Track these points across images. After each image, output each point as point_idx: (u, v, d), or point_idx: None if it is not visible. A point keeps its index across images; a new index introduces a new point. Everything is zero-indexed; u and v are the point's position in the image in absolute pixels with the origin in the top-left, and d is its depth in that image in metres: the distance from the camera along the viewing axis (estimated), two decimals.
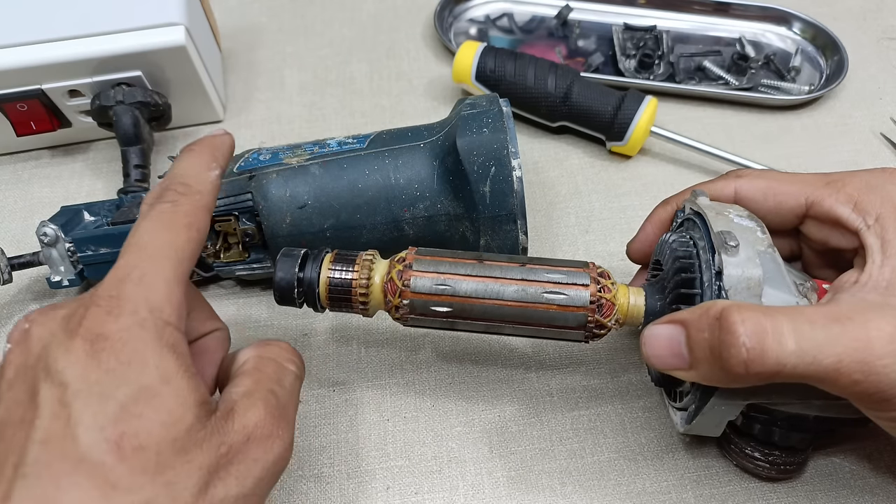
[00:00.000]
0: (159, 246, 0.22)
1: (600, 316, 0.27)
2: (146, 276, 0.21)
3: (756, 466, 0.29)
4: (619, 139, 0.41)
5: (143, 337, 0.20)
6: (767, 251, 0.25)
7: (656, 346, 0.24)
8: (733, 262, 0.24)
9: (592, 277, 0.27)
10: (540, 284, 0.27)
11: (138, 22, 0.39)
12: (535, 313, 0.27)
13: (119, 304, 0.20)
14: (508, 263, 0.27)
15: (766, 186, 0.28)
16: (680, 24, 0.50)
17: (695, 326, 0.23)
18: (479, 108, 0.33)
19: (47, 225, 0.34)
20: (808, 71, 0.48)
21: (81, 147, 0.45)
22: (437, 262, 0.27)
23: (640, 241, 0.31)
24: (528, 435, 0.32)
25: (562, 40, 0.50)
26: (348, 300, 0.28)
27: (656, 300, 0.27)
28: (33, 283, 0.38)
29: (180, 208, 0.23)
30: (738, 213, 0.27)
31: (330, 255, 0.28)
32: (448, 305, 0.27)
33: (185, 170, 0.24)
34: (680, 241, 0.27)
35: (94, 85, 0.39)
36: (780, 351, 0.21)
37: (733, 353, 0.21)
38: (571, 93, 0.42)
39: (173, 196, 0.23)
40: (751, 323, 0.21)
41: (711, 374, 0.23)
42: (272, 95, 0.47)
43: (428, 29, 0.51)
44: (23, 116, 0.40)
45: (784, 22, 0.50)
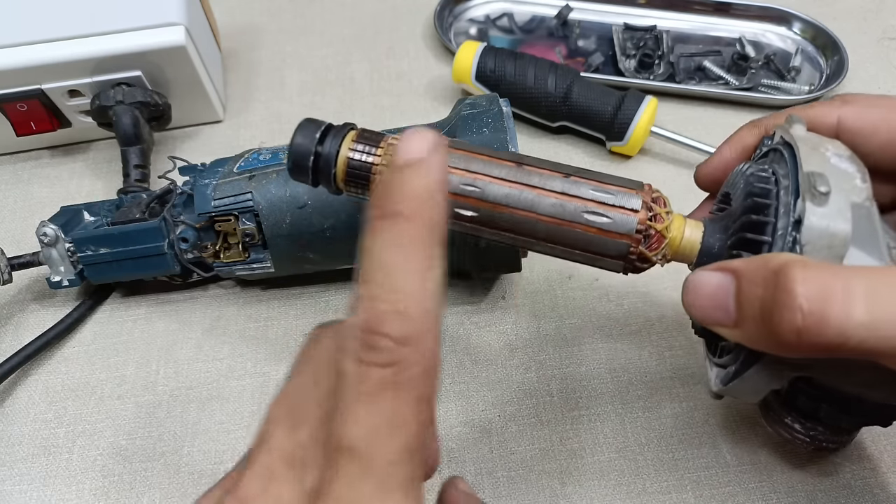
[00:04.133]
0: (391, 461, 0.15)
1: (645, 248, 0.23)
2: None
3: (793, 437, 0.25)
4: (619, 139, 0.41)
5: None
6: (864, 204, 0.21)
7: (700, 295, 0.21)
8: (819, 212, 0.20)
9: (645, 202, 0.23)
10: (582, 202, 0.23)
11: (138, 22, 0.39)
12: (571, 234, 0.23)
13: None
14: (551, 172, 0.24)
15: (878, 118, 0.24)
16: (680, 24, 0.50)
17: (748, 278, 0.19)
18: (479, 108, 0.33)
19: (47, 225, 0.34)
20: (808, 71, 0.48)
21: (81, 147, 0.45)
22: (469, 157, 0.24)
23: (712, 166, 0.27)
24: (528, 435, 0.32)
25: (562, 40, 0.50)
26: (366, 184, 0.24)
27: (716, 239, 0.23)
28: (33, 283, 0.38)
29: (408, 374, 0.15)
30: (838, 153, 0.22)
31: (354, 132, 0.25)
32: (475, 210, 0.24)
33: (397, 283, 0.15)
34: (759, 174, 0.23)
35: (93, 85, 0.39)
36: (847, 321, 0.17)
37: (786, 316, 0.18)
38: (571, 93, 0.41)
39: (390, 351, 0.15)
40: (815, 283, 0.18)
41: (758, 336, 0.19)
42: (272, 95, 0.47)
43: (428, 29, 0.51)
44: (23, 116, 0.40)
45: (784, 22, 0.50)
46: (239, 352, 0.35)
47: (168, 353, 0.35)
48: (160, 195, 0.36)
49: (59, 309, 0.36)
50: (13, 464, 0.32)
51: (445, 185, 0.17)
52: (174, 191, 0.36)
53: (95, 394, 0.34)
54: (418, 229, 0.16)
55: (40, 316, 0.36)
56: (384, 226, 0.16)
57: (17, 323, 0.37)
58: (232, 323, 0.36)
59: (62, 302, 0.37)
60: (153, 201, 0.36)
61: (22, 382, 0.34)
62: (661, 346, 0.34)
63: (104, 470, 0.31)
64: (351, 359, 0.15)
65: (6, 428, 0.33)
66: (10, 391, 0.34)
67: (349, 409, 0.15)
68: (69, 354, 0.35)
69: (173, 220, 0.34)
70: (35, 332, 0.35)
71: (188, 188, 0.35)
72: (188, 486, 0.31)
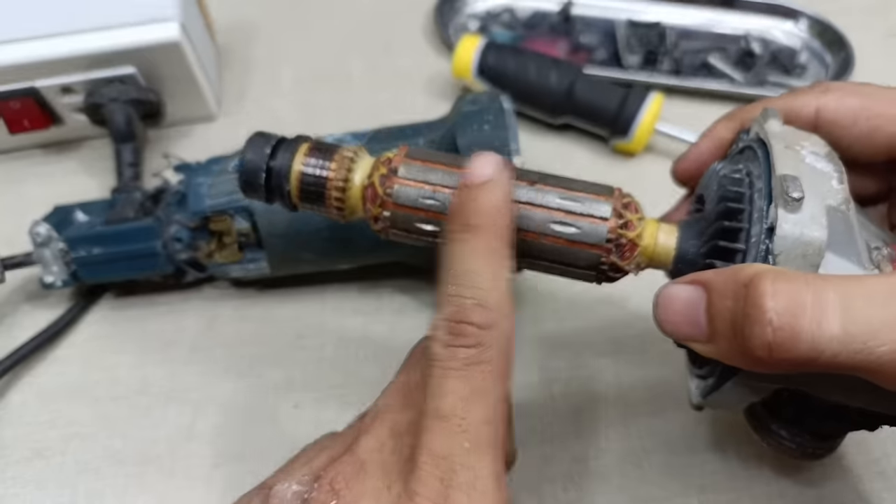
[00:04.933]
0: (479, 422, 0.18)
1: (617, 258, 0.22)
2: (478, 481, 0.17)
3: (780, 445, 0.25)
4: (623, 136, 0.41)
5: None
6: (840, 208, 0.20)
7: (671, 310, 0.20)
8: (792, 219, 0.19)
9: (615, 209, 0.22)
10: (548, 212, 0.22)
11: (132, 17, 0.38)
12: (538, 245, 0.22)
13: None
14: (515, 180, 0.22)
15: (858, 107, 0.23)
16: (685, 20, 0.49)
17: (719, 291, 0.19)
18: (480, 105, 0.32)
19: (40, 224, 0.34)
20: (814, 67, 0.47)
21: (74, 145, 0.44)
22: (428, 168, 0.23)
23: (689, 160, 0.26)
24: (530, 440, 0.31)
25: (564, 36, 0.49)
26: (322, 200, 0.23)
27: (691, 245, 0.22)
28: (26, 284, 0.37)
29: (489, 353, 0.18)
30: (815, 150, 0.21)
31: (307, 144, 0.23)
32: (436, 224, 0.22)
33: (476, 279, 0.19)
34: (732, 176, 0.22)
35: (87, 82, 0.39)
36: (819, 334, 0.17)
37: (756, 331, 0.17)
38: (574, 89, 0.41)
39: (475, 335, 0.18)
40: (784, 296, 0.17)
41: (731, 352, 0.19)
42: (268, 92, 0.47)
43: (427, 24, 0.50)
44: (16, 114, 0.39)
45: (790, 18, 0.49)
46: (234, 353, 0.35)
47: (162, 354, 0.35)
48: (154, 194, 0.36)
49: (52, 310, 0.36)
50: (6, 467, 0.31)
51: (510, 199, 0.21)
52: (168, 189, 0.35)
53: (89, 396, 0.33)
54: (491, 238, 0.20)
55: (33, 317, 0.36)
56: (464, 237, 0.20)
57: (9, 324, 0.36)
58: (227, 323, 0.36)
59: (55, 302, 0.36)
60: (147, 200, 0.35)
61: (15, 384, 0.34)
62: (667, 350, 0.33)
63: (98, 473, 0.31)
64: (440, 344, 0.19)
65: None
66: (2, 393, 0.34)
67: (439, 384, 0.18)
68: (62, 356, 0.35)
69: (167, 219, 0.34)
70: (28, 333, 0.34)
71: (182, 187, 0.34)
72: (183, 490, 0.30)
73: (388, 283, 0.37)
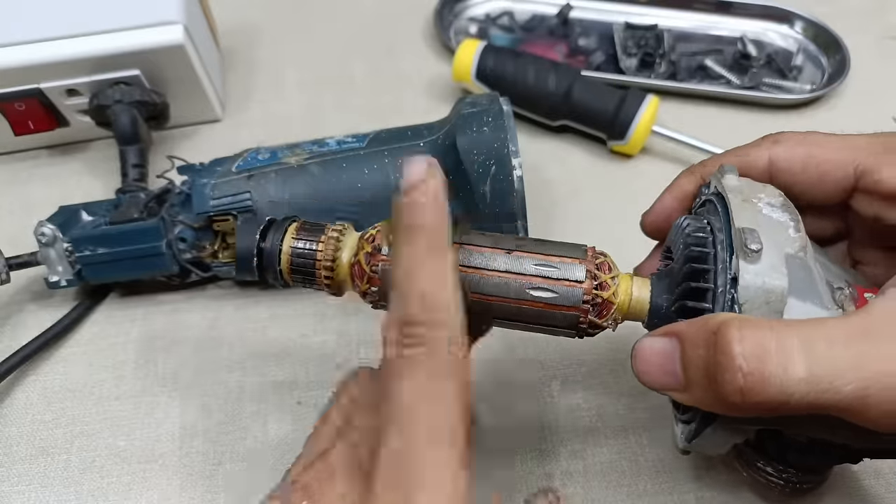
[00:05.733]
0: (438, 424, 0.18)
1: (594, 316, 0.23)
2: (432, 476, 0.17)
3: (767, 480, 0.25)
4: (620, 138, 0.41)
5: None
6: (798, 254, 0.21)
7: (647, 362, 0.21)
8: (753, 269, 0.20)
9: (588, 271, 0.23)
10: (526, 278, 0.23)
11: (136, 20, 0.38)
12: (519, 310, 0.23)
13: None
14: (493, 249, 0.24)
15: (805, 155, 0.24)
16: (681, 23, 0.50)
17: (690, 341, 0.20)
18: (479, 107, 0.33)
19: (45, 225, 0.34)
20: (810, 70, 0.48)
21: (79, 146, 0.44)
22: None
23: (656, 214, 0.27)
24: (529, 436, 0.31)
25: (563, 39, 0.50)
26: (312, 278, 0.24)
27: (663, 299, 0.23)
28: (31, 283, 0.38)
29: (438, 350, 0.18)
30: (770, 201, 0.22)
31: (295, 224, 0.25)
32: None
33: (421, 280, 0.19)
34: (695, 235, 0.23)
35: (92, 84, 0.39)
36: (786, 378, 0.18)
37: (728, 378, 0.18)
38: (572, 92, 0.41)
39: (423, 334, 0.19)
40: (751, 342, 0.18)
41: (706, 399, 0.20)
42: (271, 94, 0.47)
43: (428, 27, 0.51)
44: (21, 116, 0.40)
45: (786, 21, 0.50)
46: (237, 352, 0.35)
47: (166, 353, 0.35)
48: (158, 195, 0.36)
49: (57, 309, 0.36)
50: (11, 465, 0.31)
51: (445, 196, 0.21)
52: (172, 190, 0.35)
53: (93, 394, 0.34)
54: (431, 236, 0.20)
55: (38, 316, 0.36)
56: (406, 240, 0.20)
57: (14, 323, 0.36)
58: (230, 323, 0.36)
59: (60, 302, 0.37)
60: (151, 201, 0.36)
61: (20, 383, 0.34)
62: None
63: (102, 471, 0.31)
64: (389, 346, 0.19)
65: (4, 429, 0.33)
66: (7, 392, 0.34)
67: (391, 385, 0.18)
68: (67, 355, 0.35)
69: (171, 219, 0.34)
70: (33, 332, 0.35)
71: (186, 188, 0.35)
72: (187, 488, 0.30)
73: None
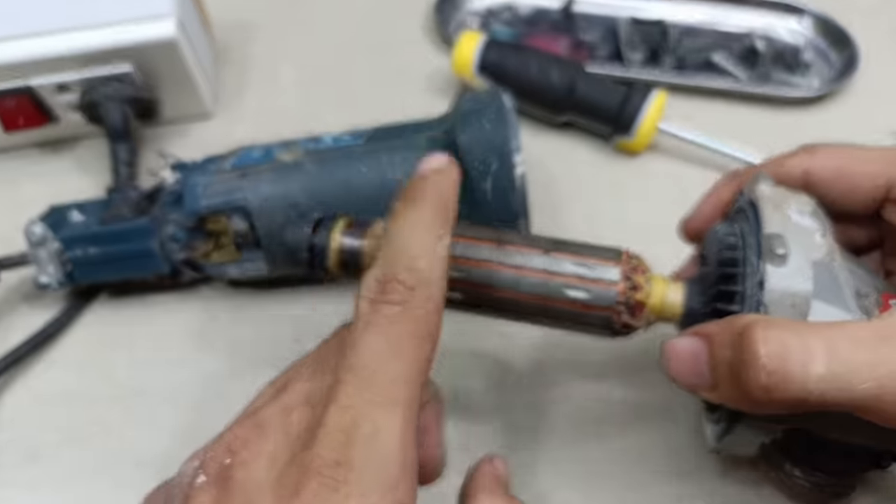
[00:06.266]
0: (392, 379, 0.18)
1: (628, 317, 0.24)
2: (380, 433, 0.17)
3: (794, 483, 0.26)
4: (625, 134, 0.40)
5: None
6: (824, 260, 0.22)
7: (677, 361, 0.22)
8: (778, 273, 0.21)
9: (623, 272, 0.24)
10: (562, 278, 0.24)
11: (128, 15, 0.38)
12: (554, 310, 0.24)
13: (347, 480, 0.16)
14: (530, 249, 0.24)
15: (839, 166, 0.25)
16: (688, 17, 0.49)
17: (718, 341, 0.21)
18: (480, 103, 0.32)
19: (35, 224, 0.33)
20: (819, 65, 0.47)
21: (70, 143, 0.44)
22: (453, 243, 0.24)
23: (696, 220, 0.28)
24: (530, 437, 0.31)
25: (566, 33, 0.49)
26: (358, 271, 0.25)
27: (696, 302, 0.24)
28: (21, 284, 0.37)
29: (413, 313, 0.19)
30: (801, 209, 0.23)
31: (343, 220, 0.25)
32: (461, 292, 0.25)
33: (411, 244, 0.20)
34: (727, 241, 0.24)
35: (83, 80, 0.38)
36: (806, 375, 0.18)
37: (752, 375, 0.19)
38: (576, 87, 0.40)
39: (402, 293, 0.19)
40: (775, 342, 0.19)
41: (733, 397, 0.20)
42: (266, 90, 0.46)
43: (427, 20, 0.50)
44: (11, 112, 0.39)
45: (795, 15, 0.49)
46: (231, 354, 0.34)
47: (158, 355, 0.34)
48: (150, 193, 0.35)
49: (47, 310, 0.36)
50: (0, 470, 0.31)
51: (457, 189, 0.21)
52: (164, 189, 0.35)
53: (84, 398, 0.33)
54: (431, 214, 0.20)
55: (28, 318, 0.35)
56: (405, 210, 0.21)
57: (4, 325, 0.36)
58: (223, 325, 0.35)
59: (50, 303, 0.36)
60: (143, 199, 0.35)
61: (8, 386, 0.33)
62: None
63: (93, 476, 0.30)
64: (366, 300, 0.19)
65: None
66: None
67: (358, 338, 0.18)
68: (57, 357, 0.34)
69: (164, 218, 0.33)
70: (22, 334, 0.34)
71: (178, 186, 0.34)
72: None
73: None
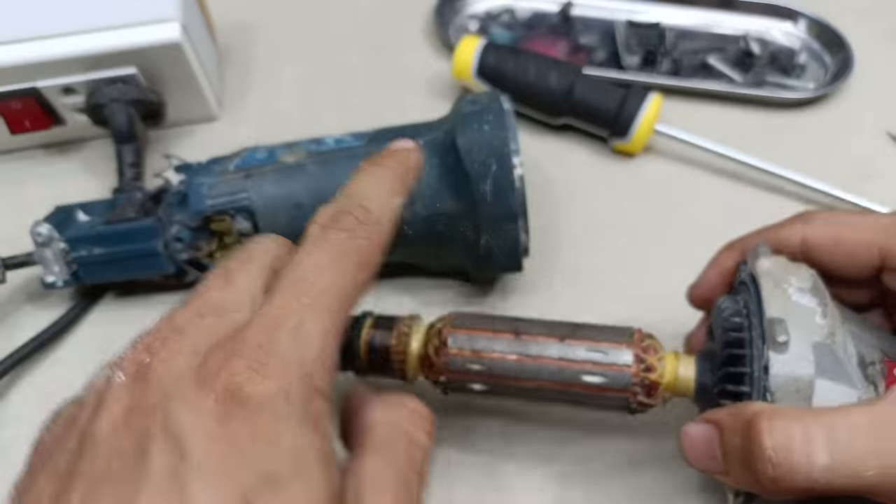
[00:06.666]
0: (325, 287, 0.19)
1: (644, 397, 0.25)
2: (304, 325, 0.18)
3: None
4: (622, 136, 0.41)
5: (285, 411, 0.17)
6: (826, 341, 0.22)
7: (691, 448, 0.23)
8: (781, 360, 0.22)
9: (636, 355, 0.25)
10: (579, 364, 0.25)
11: (133, 18, 0.38)
12: (573, 394, 0.26)
13: (267, 361, 0.17)
14: (546, 339, 0.26)
15: (834, 236, 0.25)
16: (684, 21, 0.50)
17: (728, 429, 0.21)
18: (479, 105, 0.32)
19: (41, 224, 0.33)
20: (814, 68, 0.47)
21: (76, 145, 0.44)
22: (472, 336, 0.26)
23: (702, 288, 0.28)
24: (530, 437, 0.31)
25: (564, 36, 0.49)
26: (388, 368, 0.27)
27: (707, 378, 0.25)
28: (27, 284, 0.37)
29: (357, 242, 0.20)
30: (801, 285, 0.24)
31: (371, 319, 0.27)
32: (484, 384, 0.27)
33: (368, 191, 0.22)
34: (731, 321, 0.24)
35: (88, 82, 0.39)
36: (811, 467, 0.19)
37: (759, 467, 0.20)
38: (574, 90, 0.41)
39: (351, 223, 0.20)
40: (779, 434, 0.19)
41: (746, 482, 0.21)
42: (269, 92, 0.47)
43: (428, 24, 0.50)
44: (17, 114, 0.39)
45: (790, 18, 0.49)
46: None
47: None
48: (155, 194, 0.36)
49: (53, 310, 0.36)
50: (5, 469, 0.30)
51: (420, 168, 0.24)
52: (169, 189, 0.35)
53: None
54: (392, 175, 0.23)
55: (34, 317, 0.36)
56: (370, 166, 0.23)
57: (10, 324, 0.36)
58: None
59: (56, 303, 0.36)
60: (148, 200, 0.35)
61: (15, 385, 0.34)
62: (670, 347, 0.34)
63: None
64: (316, 226, 0.21)
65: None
66: (2, 394, 0.33)
67: (302, 254, 0.20)
68: (63, 356, 0.35)
69: (168, 219, 0.34)
70: (28, 333, 0.34)
71: (183, 187, 0.34)
72: None
73: (388, 283, 0.37)
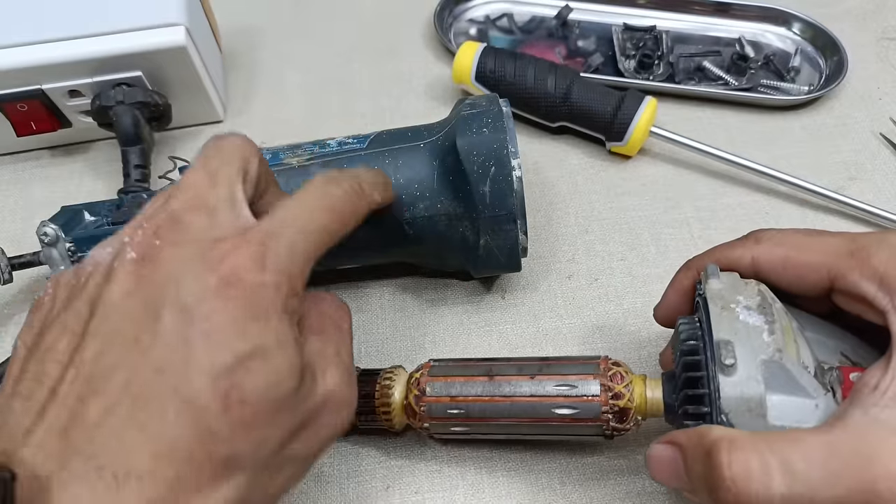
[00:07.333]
0: (317, 224, 0.23)
1: (616, 423, 0.26)
2: (297, 244, 0.21)
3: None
4: (618, 139, 0.41)
5: (273, 299, 0.20)
6: (774, 357, 0.22)
7: (658, 467, 0.23)
8: (730, 381, 0.22)
9: (602, 384, 0.26)
10: (549, 399, 0.27)
11: (139, 22, 0.39)
12: (548, 427, 0.27)
13: (265, 258, 0.20)
14: (518, 378, 0.27)
15: (784, 257, 0.25)
16: (679, 25, 0.50)
17: (690, 454, 0.22)
18: (478, 108, 0.33)
19: (48, 225, 0.34)
20: (807, 71, 0.48)
21: (82, 147, 0.45)
22: (448, 383, 0.28)
23: (665, 308, 0.29)
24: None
25: (561, 40, 0.50)
26: (373, 417, 0.29)
27: (673, 399, 0.26)
28: (34, 283, 0.38)
29: (349, 201, 0.25)
30: (748, 304, 0.24)
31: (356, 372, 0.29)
32: (463, 425, 0.28)
33: (364, 174, 0.27)
34: (687, 344, 0.24)
35: (94, 85, 0.39)
36: (768, 494, 0.20)
37: (721, 495, 0.20)
38: (571, 93, 0.42)
39: (346, 187, 0.25)
40: (738, 466, 0.20)
41: (710, 503, 0.21)
42: (273, 95, 0.47)
43: (428, 29, 0.51)
44: (23, 117, 0.40)
45: (783, 22, 0.50)
46: None
47: None
48: None
49: None
50: None
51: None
52: None
53: None
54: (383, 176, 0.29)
55: None
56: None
57: (17, 323, 0.37)
58: None
59: None
60: None
61: None
62: (662, 345, 0.34)
63: None
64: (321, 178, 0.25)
65: None
66: None
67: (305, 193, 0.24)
68: None
69: None
70: None
71: None
72: None
73: (390, 282, 0.38)
